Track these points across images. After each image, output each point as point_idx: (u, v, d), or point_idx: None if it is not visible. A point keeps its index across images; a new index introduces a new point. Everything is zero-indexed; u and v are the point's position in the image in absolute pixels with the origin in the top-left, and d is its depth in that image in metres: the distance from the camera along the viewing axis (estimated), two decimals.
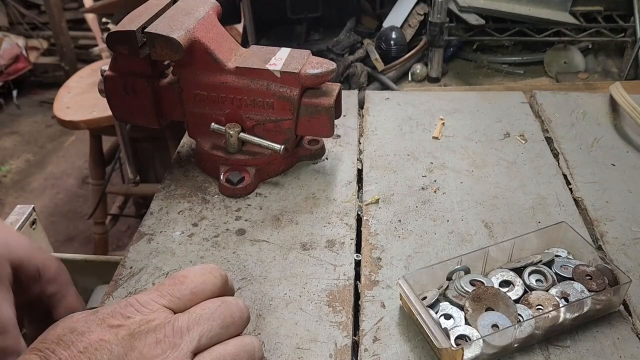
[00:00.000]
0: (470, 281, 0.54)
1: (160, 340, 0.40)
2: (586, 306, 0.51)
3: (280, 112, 0.67)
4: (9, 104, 3.20)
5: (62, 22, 2.90)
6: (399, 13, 1.39)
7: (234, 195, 0.68)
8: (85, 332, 0.40)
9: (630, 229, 0.63)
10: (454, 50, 1.40)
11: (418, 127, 0.81)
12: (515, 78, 1.33)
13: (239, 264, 0.59)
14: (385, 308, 0.54)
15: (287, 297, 0.55)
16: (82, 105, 1.74)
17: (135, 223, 2.21)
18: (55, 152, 2.84)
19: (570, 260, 0.56)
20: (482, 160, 0.74)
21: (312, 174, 0.72)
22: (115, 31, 0.63)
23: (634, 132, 0.79)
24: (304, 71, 0.64)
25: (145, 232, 0.63)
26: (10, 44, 3.04)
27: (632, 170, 0.72)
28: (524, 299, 0.52)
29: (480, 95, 0.90)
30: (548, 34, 1.28)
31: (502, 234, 0.62)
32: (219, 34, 0.67)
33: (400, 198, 0.68)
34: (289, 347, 0.50)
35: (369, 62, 1.32)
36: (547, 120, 0.82)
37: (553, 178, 0.71)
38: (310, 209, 0.66)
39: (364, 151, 0.77)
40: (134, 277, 0.58)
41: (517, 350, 0.49)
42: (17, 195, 2.53)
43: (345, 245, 0.61)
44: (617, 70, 1.31)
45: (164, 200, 0.68)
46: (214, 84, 0.66)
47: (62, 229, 2.32)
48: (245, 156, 0.69)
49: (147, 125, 0.71)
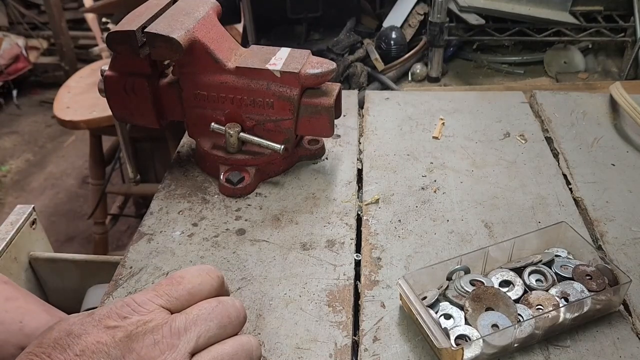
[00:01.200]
0: (470, 281, 0.54)
1: (157, 342, 0.40)
2: (586, 306, 0.51)
3: (280, 112, 0.67)
4: (9, 103, 3.20)
5: (62, 22, 2.90)
6: (399, 13, 1.39)
7: (234, 195, 0.68)
8: (82, 335, 0.39)
9: (630, 229, 0.63)
10: (454, 50, 1.40)
11: (418, 127, 0.81)
12: (515, 78, 1.33)
13: (239, 264, 0.59)
14: (385, 308, 0.54)
15: (287, 297, 0.55)
16: (82, 105, 1.74)
17: (135, 223, 2.21)
18: (55, 152, 2.84)
19: (570, 260, 0.56)
20: (482, 160, 0.74)
21: (312, 174, 0.72)
22: (115, 31, 0.63)
23: (634, 132, 0.79)
24: (304, 71, 0.64)
25: (145, 232, 0.63)
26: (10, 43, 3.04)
27: (632, 170, 0.72)
28: (524, 299, 0.52)
29: (480, 95, 0.90)
30: (548, 34, 1.28)
31: (502, 234, 0.62)
32: (219, 34, 0.67)
33: (400, 198, 0.68)
34: (289, 347, 0.50)
35: (369, 62, 1.32)
36: (547, 120, 0.82)
37: (553, 178, 0.71)
38: (310, 209, 0.66)
39: (364, 151, 0.77)
40: (134, 277, 0.58)
41: (517, 350, 0.49)
42: (17, 195, 2.53)
43: (345, 245, 0.61)
44: (617, 70, 1.31)
45: (164, 200, 0.68)
46: (214, 84, 0.66)
47: (62, 229, 2.32)
48: (245, 156, 0.69)
49: (147, 125, 0.71)
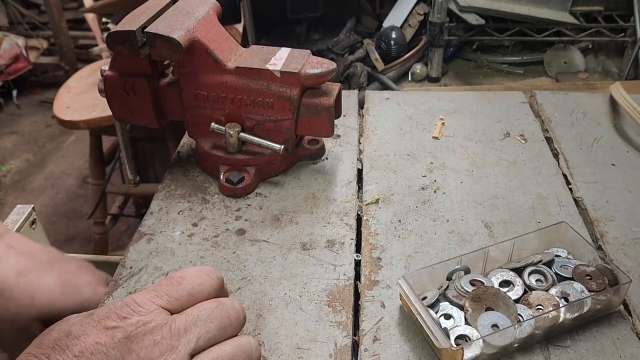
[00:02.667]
0: (470, 281, 0.54)
1: (157, 342, 0.40)
2: (586, 306, 0.51)
3: (280, 112, 0.67)
4: (9, 103, 3.20)
5: (62, 22, 2.89)
6: (399, 13, 1.39)
7: (234, 195, 0.68)
8: (81, 336, 0.39)
9: (630, 229, 0.63)
10: (454, 50, 1.40)
11: (418, 127, 0.81)
12: (515, 78, 1.33)
13: (239, 264, 0.59)
14: (385, 308, 0.54)
15: (287, 297, 0.55)
16: (82, 105, 1.74)
17: (135, 223, 2.21)
18: (55, 152, 2.83)
19: (570, 260, 0.56)
20: (482, 160, 0.74)
21: (312, 174, 0.72)
22: (115, 31, 0.63)
23: (634, 132, 0.79)
24: (304, 71, 0.64)
25: (145, 232, 0.63)
26: (10, 43, 3.04)
27: (632, 170, 0.72)
28: (524, 299, 0.52)
29: (480, 95, 0.89)
30: (548, 34, 1.28)
31: (502, 234, 0.62)
32: (219, 34, 0.67)
33: (400, 198, 0.68)
34: (289, 347, 0.50)
35: (369, 62, 1.32)
36: (547, 120, 0.82)
37: (553, 178, 0.71)
38: (310, 209, 0.66)
39: (364, 151, 0.77)
40: (134, 277, 0.58)
41: (517, 350, 0.49)
42: (17, 195, 2.53)
43: (345, 245, 0.61)
44: (617, 70, 1.31)
45: (164, 200, 0.68)
46: (214, 84, 0.66)
47: (62, 229, 2.32)
48: (245, 156, 0.69)
49: (147, 125, 0.71)
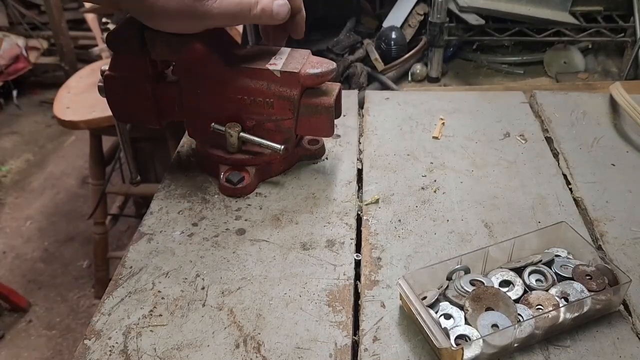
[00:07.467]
0: (470, 281, 0.54)
1: None
2: (586, 306, 0.51)
3: (280, 112, 0.67)
4: (9, 104, 3.20)
5: (62, 22, 2.89)
6: (399, 13, 1.39)
7: (234, 195, 0.68)
8: None
9: (630, 229, 0.63)
10: (453, 50, 1.40)
11: (418, 127, 0.81)
12: (515, 78, 1.33)
13: (239, 263, 0.59)
14: (385, 308, 0.54)
15: (287, 297, 0.55)
16: (82, 105, 1.74)
17: (135, 223, 2.21)
18: (55, 152, 2.83)
19: (570, 260, 0.56)
20: (482, 160, 0.74)
21: (312, 173, 0.72)
22: (115, 31, 0.63)
23: (634, 132, 0.79)
24: (304, 71, 0.64)
25: (145, 232, 0.63)
26: (10, 44, 3.04)
27: (632, 170, 0.72)
28: (524, 299, 0.52)
29: (480, 95, 0.90)
30: (548, 34, 1.28)
31: (502, 233, 0.62)
32: (219, 34, 0.67)
33: (400, 198, 0.68)
34: (289, 347, 0.50)
35: (369, 62, 1.32)
36: (547, 120, 0.82)
37: (553, 178, 0.71)
38: (310, 208, 0.66)
39: (364, 151, 0.77)
40: (134, 276, 0.58)
41: (517, 350, 0.49)
42: (17, 195, 2.52)
43: (345, 245, 0.61)
44: (617, 70, 1.31)
45: (164, 200, 0.68)
46: (214, 83, 0.66)
47: (62, 229, 2.32)
48: (245, 156, 0.69)
49: (147, 125, 0.71)
